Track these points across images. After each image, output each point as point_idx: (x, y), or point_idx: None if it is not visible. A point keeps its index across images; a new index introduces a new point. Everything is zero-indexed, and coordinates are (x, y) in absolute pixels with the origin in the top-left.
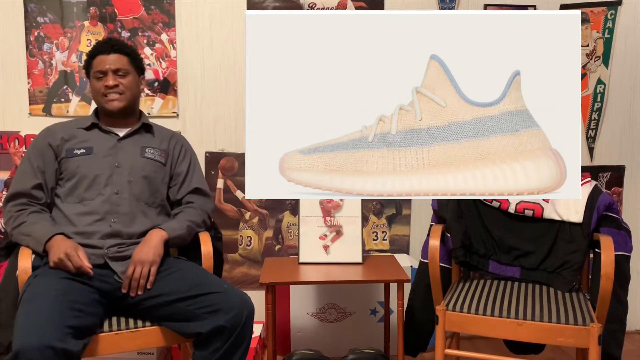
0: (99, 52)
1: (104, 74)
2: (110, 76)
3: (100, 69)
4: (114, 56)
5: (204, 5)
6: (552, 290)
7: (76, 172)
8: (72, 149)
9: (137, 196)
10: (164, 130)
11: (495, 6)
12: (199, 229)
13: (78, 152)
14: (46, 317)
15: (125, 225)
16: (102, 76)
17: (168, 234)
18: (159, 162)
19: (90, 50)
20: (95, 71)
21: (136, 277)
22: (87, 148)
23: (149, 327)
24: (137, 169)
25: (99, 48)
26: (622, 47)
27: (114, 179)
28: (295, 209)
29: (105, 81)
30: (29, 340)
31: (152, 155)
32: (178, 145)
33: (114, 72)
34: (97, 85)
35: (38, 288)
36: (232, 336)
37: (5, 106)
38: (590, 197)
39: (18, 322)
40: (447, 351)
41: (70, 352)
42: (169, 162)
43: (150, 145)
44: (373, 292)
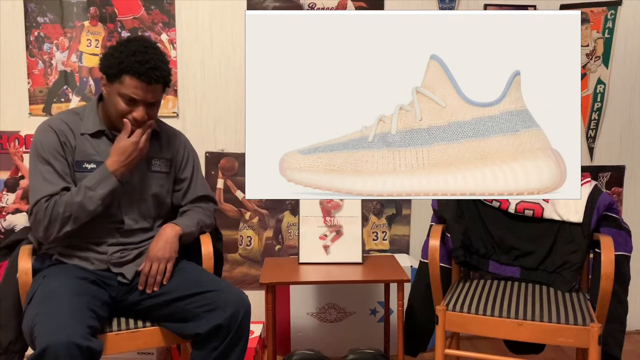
0: (137, 75)
1: (135, 102)
2: (141, 109)
3: (132, 96)
4: (153, 87)
5: (204, 5)
6: (552, 290)
7: None
8: (82, 162)
9: (144, 214)
10: (166, 130)
11: (495, 6)
12: (207, 230)
13: (88, 166)
14: (70, 315)
15: (130, 236)
16: (131, 102)
17: (182, 230)
18: (165, 172)
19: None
20: (126, 94)
21: (153, 274)
22: (97, 163)
23: (149, 327)
24: (146, 187)
25: (139, 71)
26: (622, 47)
27: (123, 199)
28: (295, 209)
29: (136, 112)
30: (56, 338)
31: (159, 168)
32: (181, 148)
33: (146, 105)
34: (122, 109)
35: (51, 288)
36: (230, 335)
37: (5, 106)
38: (590, 197)
39: (40, 321)
40: (447, 351)
41: (94, 350)
42: (173, 169)
43: (156, 155)
44: (373, 292)
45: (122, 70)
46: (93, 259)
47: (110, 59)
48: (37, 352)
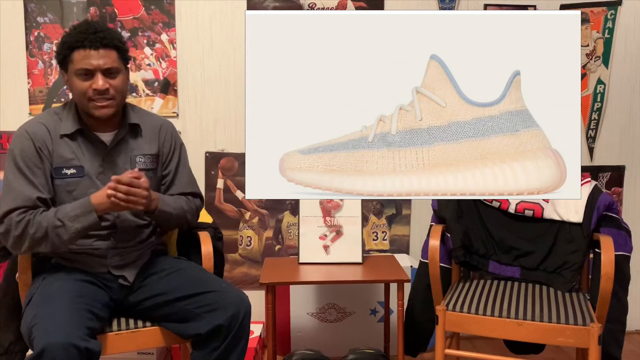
0: (83, 45)
1: (91, 73)
2: (99, 77)
3: (86, 67)
4: (103, 52)
5: (204, 5)
6: (552, 290)
7: (68, 197)
8: (60, 167)
9: (134, 213)
10: (150, 121)
11: (495, 6)
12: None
13: (67, 172)
14: (68, 317)
15: (126, 240)
16: (87, 75)
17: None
18: (151, 169)
19: (69, 39)
20: (79, 68)
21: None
22: (77, 168)
23: (149, 327)
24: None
25: (83, 39)
26: (622, 47)
27: None
28: (295, 209)
29: (94, 83)
30: (54, 339)
31: (144, 165)
32: (167, 140)
33: (103, 72)
34: (81, 86)
35: (51, 290)
36: (230, 335)
37: (5, 106)
38: (590, 197)
39: (38, 323)
40: (447, 351)
41: (92, 351)
42: (160, 163)
43: (140, 152)
44: (373, 292)
45: (69, 47)
46: (93, 263)
47: (58, 47)
48: (35, 353)
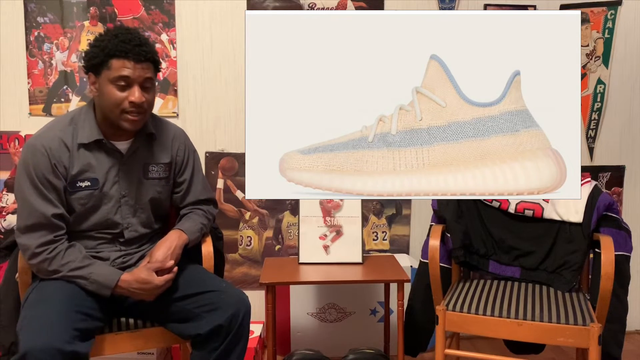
0: (126, 56)
1: (129, 84)
2: (136, 90)
3: (127, 75)
4: (145, 65)
5: (204, 5)
6: (552, 290)
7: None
8: (75, 181)
9: (143, 223)
10: (163, 130)
11: (495, 6)
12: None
13: (82, 184)
14: (54, 320)
15: (130, 244)
16: (124, 85)
17: (189, 238)
18: (163, 178)
19: (109, 45)
20: (117, 77)
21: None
22: (91, 180)
23: (149, 327)
24: (143, 195)
25: (127, 50)
26: (622, 47)
27: (122, 210)
28: (295, 209)
29: (131, 95)
30: (36, 342)
31: (157, 174)
32: (181, 150)
33: (141, 85)
34: (116, 96)
35: (44, 292)
36: (230, 335)
37: (5, 106)
38: (590, 197)
39: (25, 325)
40: (447, 351)
41: (79, 354)
42: (172, 172)
43: (153, 161)
44: (373, 292)
45: (108, 54)
46: None
47: (93, 50)
48: (17, 356)
